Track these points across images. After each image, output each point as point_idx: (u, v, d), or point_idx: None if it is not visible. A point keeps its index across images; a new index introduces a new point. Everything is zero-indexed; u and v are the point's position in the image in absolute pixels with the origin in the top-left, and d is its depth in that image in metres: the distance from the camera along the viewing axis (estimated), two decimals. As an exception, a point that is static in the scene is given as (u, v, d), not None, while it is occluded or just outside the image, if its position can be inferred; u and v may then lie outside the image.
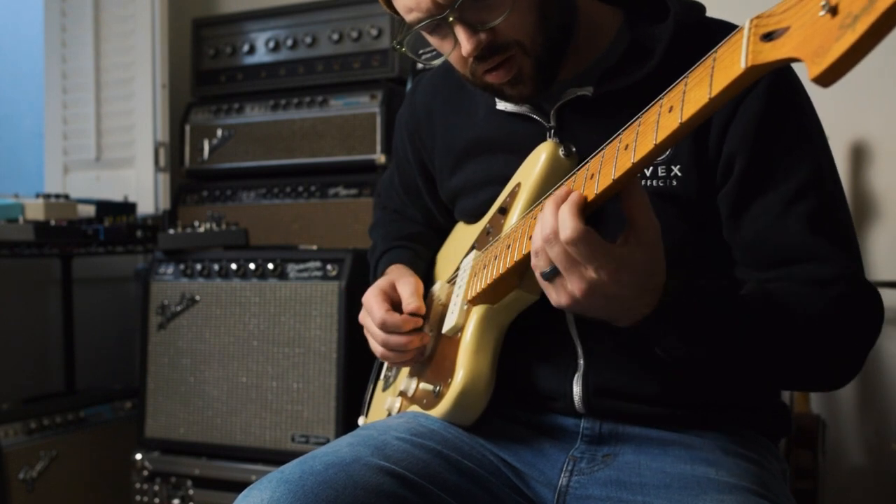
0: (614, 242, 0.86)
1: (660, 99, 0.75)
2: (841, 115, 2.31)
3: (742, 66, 0.63)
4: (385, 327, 1.13)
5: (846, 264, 0.99)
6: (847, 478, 2.35)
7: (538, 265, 0.89)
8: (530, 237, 0.90)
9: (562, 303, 0.88)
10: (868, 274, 2.27)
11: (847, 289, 0.98)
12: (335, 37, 2.50)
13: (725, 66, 0.65)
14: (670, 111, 0.72)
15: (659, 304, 0.88)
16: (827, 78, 0.54)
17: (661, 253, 0.87)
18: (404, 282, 1.18)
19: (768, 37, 0.61)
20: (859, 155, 2.33)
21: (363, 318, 1.19)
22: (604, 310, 0.88)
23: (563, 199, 0.86)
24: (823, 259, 0.98)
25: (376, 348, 1.17)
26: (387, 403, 1.21)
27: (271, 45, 2.60)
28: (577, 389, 1.06)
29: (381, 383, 1.35)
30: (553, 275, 0.87)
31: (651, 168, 1.02)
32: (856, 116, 2.33)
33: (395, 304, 1.16)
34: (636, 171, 0.77)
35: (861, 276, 1.01)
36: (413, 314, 1.14)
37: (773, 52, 0.60)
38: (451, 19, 0.99)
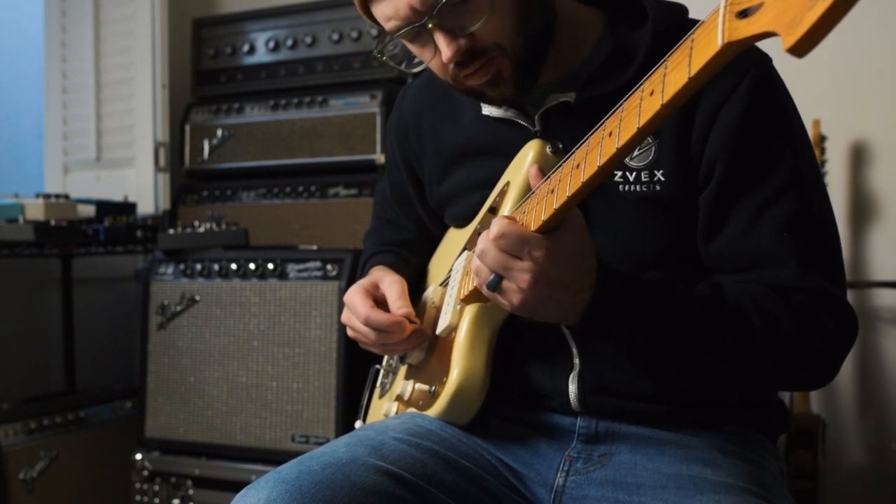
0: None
1: (641, 84, 0.76)
2: (841, 115, 2.31)
3: (719, 43, 0.64)
4: (369, 323, 1.13)
5: (809, 275, 0.98)
6: (847, 478, 2.35)
7: (481, 280, 0.91)
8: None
9: (514, 302, 0.90)
10: (868, 274, 2.29)
11: (807, 299, 0.97)
12: (335, 37, 2.50)
13: (703, 46, 0.67)
14: (651, 95, 0.73)
15: (597, 284, 0.90)
16: (801, 48, 0.55)
17: (588, 238, 0.90)
18: (389, 281, 1.17)
19: (743, 14, 0.62)
20: (859, 155, 2.32)
21: (347, 317, 1.18)
22: (552, 300, 0.89)
23: None
24: (786, 266, 0.98)
25: (366, 345, 1.18)
26: (384, 409, 1.21)
27: (271, 45, 2.60)
28: (572, 388, 1.07)
29: (377, 390, 1.35)
30: (497, 282, 0.90)
31: (634, 173, 1.03)
32: (856, 116, 2.32)
33: (378, 302, 1.16)
34: (621, 156, 0.78)
35: (828, 286, 0.99)
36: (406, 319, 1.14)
37: (749, 28, 0.61)
38: (430, 26, 0.99)
